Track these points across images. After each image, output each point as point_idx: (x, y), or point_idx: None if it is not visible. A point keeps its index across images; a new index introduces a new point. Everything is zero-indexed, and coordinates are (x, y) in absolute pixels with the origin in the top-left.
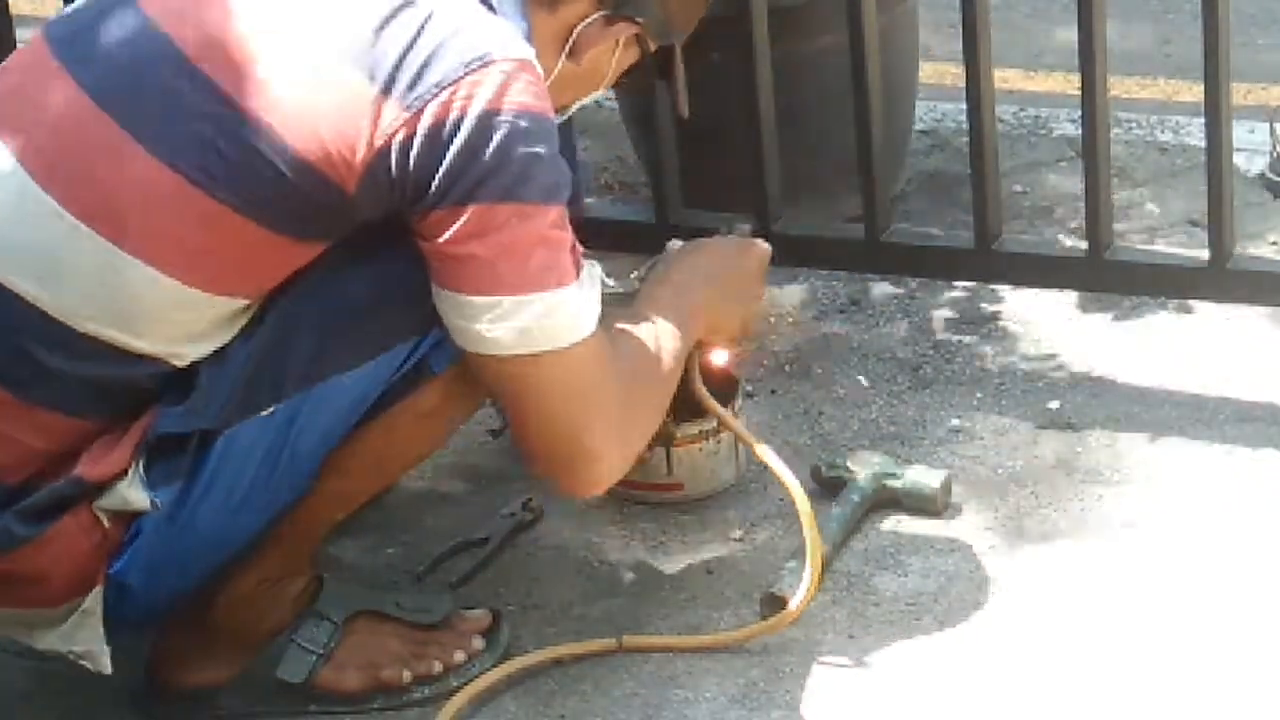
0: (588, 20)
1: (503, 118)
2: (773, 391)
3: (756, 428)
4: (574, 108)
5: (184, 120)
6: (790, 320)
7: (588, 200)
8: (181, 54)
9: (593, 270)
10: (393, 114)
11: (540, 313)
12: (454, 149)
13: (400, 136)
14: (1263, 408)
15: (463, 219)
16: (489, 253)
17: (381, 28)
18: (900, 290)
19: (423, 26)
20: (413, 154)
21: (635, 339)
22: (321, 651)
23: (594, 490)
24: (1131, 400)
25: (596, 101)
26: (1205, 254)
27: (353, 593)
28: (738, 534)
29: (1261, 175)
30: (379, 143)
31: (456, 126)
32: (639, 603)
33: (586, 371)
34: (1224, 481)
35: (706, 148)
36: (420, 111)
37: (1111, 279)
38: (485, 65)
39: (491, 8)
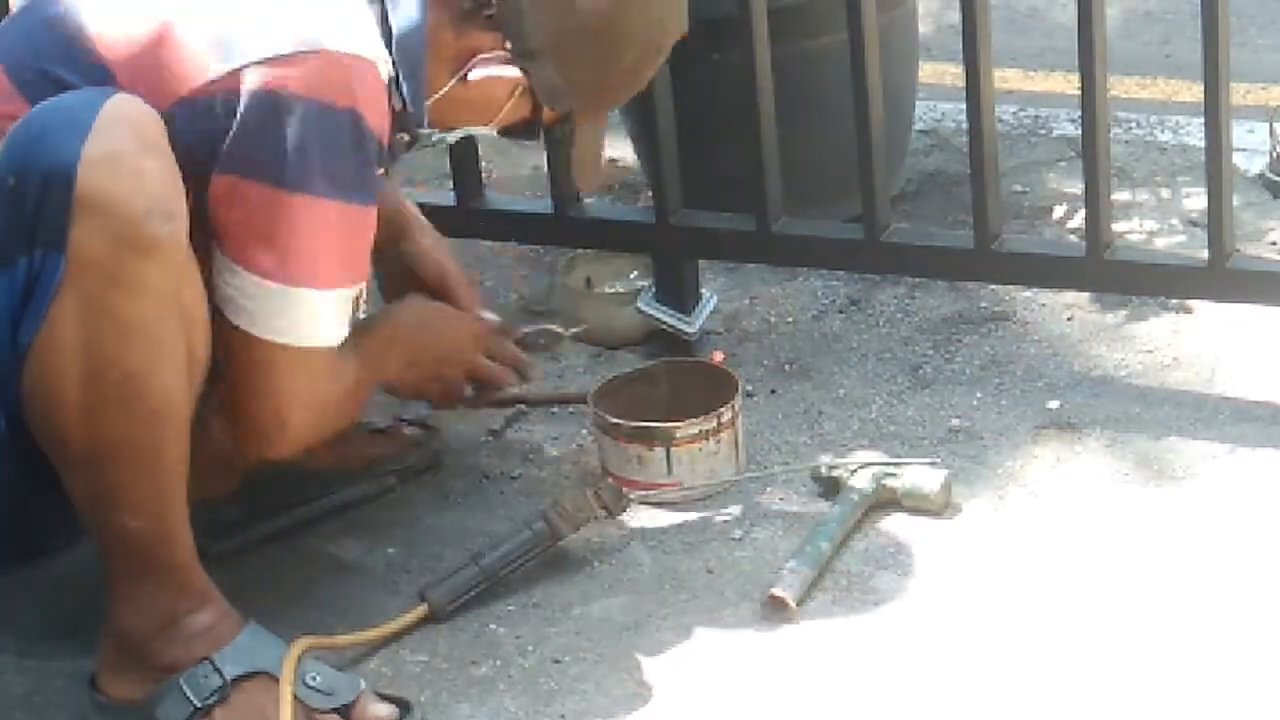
0: (486, 55)
1: (304, 103)
2: (773, 391)
3: (756, 428)
4: (459, 132)
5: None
6: (790, 320)
7: (589, 200)
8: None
9: (356, 293)
10: (209, 67)
11: (278, 305)
12: (242, 120)
13: (211, 93)
14: (1263, 408)
15: (232, 190)
16: (248, 228)
17: None
18: (900, 290)
19: None
20: (210, 114)
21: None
22: (199, 705)
23: (267, 458)
24: (1131, 400)
25: None
26: (1205, 254)
27: (262, 649)
28: (738, 534)
29: (1261, 175)
30: (186, 92)
31: (255, 100)
32: (639, 602)
33: (305, 371)
34: (1224, 481)
35: (706, 148)
36: (235, 73)
37: (1111, 279)
38: (313, 50)
39: None
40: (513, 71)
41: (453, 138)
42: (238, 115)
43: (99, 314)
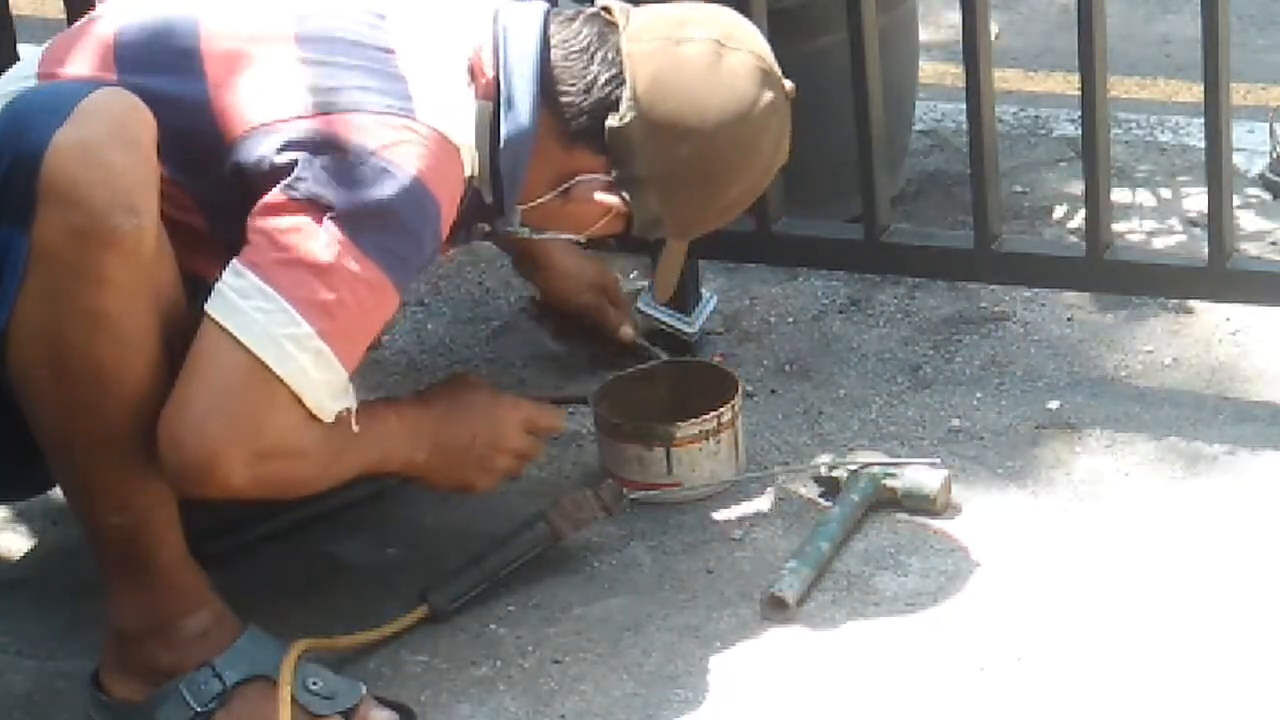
0: (590, 177)
1: (383, 164)
2: (773, 391)
3: (756, 428)
4: (547, 235)
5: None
6: (790, 320)
7: None
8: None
9: (349, 390)
10: (300, 103)
11: (280, 323)
12: (325, 159)
13: (295, 123)
14: (1263, 408)
15: (292, 212)
16: (286, 249)
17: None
18: (900, 290)
19: (385, 50)
20: (291, 143)
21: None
22: (199, 710)
23: (191, 486)
24: (1131, 400)
25: None
26: (1205, 254)
27: (262, 653)
28: (738, 534)
29: (1261, 175)
30: (274, 119)
31: (334, 143)
32: (639, 603)
33: (278, 402)
34: (1224, 481)
35: None
36: (325, 116)
37: (1111, 279)
38: (404, 116)
39: (503, 92)
40: (612, 198)
41: (538, 235)
42: (311, 148)
43: (63, 304)
